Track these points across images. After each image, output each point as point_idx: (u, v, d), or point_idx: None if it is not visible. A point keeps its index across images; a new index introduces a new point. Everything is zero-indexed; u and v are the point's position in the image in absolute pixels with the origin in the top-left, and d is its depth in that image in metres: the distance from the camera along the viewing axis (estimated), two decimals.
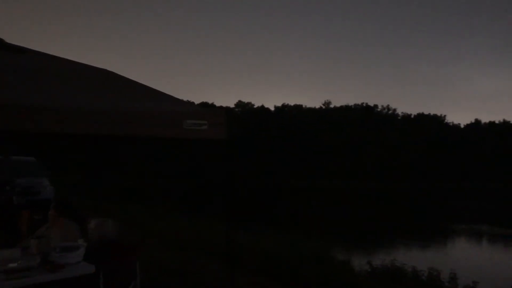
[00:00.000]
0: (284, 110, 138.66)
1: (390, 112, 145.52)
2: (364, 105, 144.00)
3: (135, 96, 4.88)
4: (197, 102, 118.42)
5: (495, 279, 15.40)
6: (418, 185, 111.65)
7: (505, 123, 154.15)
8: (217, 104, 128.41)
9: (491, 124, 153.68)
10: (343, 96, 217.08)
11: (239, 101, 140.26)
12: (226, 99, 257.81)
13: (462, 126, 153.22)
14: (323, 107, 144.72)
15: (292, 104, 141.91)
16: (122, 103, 4.41)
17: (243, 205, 50.50)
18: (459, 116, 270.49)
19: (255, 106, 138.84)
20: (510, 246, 25.59)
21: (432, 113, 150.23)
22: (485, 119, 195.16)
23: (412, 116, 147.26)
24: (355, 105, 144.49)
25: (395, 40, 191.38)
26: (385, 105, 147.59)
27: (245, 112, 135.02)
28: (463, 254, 21.92)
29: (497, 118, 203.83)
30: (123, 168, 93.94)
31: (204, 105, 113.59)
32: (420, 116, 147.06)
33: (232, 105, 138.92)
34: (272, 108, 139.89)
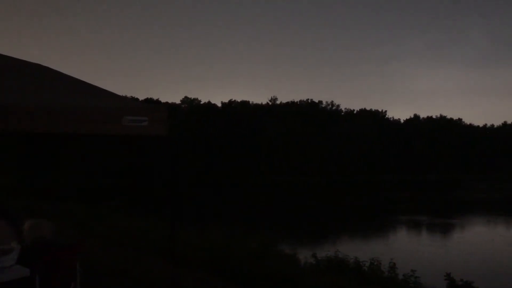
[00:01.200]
0: (231, 106, 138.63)
1: (334, 108, 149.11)
2: (309, 101, 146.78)
3: (72, 92, 4.70)
4: (142, 98, 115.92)
5: (432, 266, 16.20)
6: (361, 179, 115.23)
7: (441, 118, 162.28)
8: (163, 100, 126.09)
9: (429, 119, 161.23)
10: (289, 92, 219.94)
11: (185, 97, 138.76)
12: (172, 95, 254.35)
13: (402, 121, 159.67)
14: (270, 103, 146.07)
15: (239, 100, 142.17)
16: (58, 99, 4.24)
17: (189, 202, 50.14)
18: (399, 112, 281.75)
19: (201, 102, 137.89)
20: (446, 234, 27.01)
21: (373, 108, 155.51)
22: (423, 114, 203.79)
23: (355, 112, 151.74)
24: (301, 101, 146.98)
25: (339, 37, 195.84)
26: (329, 101, 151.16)
27: (191, 108, 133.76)
28: (403, 244, 22.92)
29: (434, 113, 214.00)
30: (63, 167, 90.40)
31: (149, 101, 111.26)
32: (362, 111, 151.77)
33: (178, 101, 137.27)
34: (219, 104, 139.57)
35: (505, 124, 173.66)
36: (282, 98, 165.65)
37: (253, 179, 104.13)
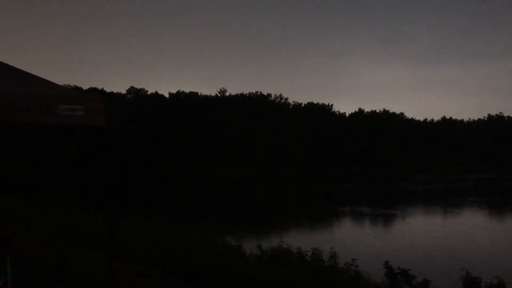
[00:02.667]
0: (179, 97, 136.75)
1: (282, 101, 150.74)
2: (259, 93, 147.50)
3: (2, 78, 4.45)
4: (86, 87, 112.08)
5: (373, 255, 16.80)
6: (308, 170, 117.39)
7: (385, 112, 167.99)
8: (108, 90, 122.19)
9: (373, 112, 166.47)
10: (239, 84, 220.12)
11: (131, 87, 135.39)
12: (117, 85, 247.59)
13: (347, 115, 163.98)
14: (219, 95, 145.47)
15: (187, 91, 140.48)
16: None
17: (133, 195, 49.19)
18: (345, 105, 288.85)
19: (148, 93, 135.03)
20: (388, 224, 28.05)
21: (321, 102, 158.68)
22: (367, 108, 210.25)
23: (303, 105, 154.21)
24: (250, 93, 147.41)
25: (289, 31, 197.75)
26: (278, 94, 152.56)
27: (137, 98, 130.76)
28: (346, 234, 23.59)
29: (378, 107, 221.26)
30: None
31: (92, 91, 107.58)
32: (310, 105, 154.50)
33: (123, 91, 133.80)
34: (167, 95, 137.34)
35: (444, 118, 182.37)
36: (232, 90, 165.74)
37: (201, 171, 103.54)
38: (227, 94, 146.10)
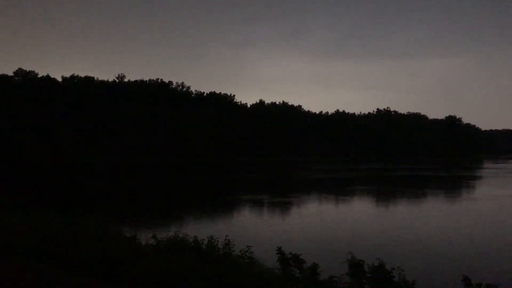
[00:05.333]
0: (73, 81, 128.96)
1: (184, 89, 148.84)
2: (160, 80, 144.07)
3: None
4: None
5: (268, 241, 17.32)
6: (209, 160, 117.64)
7: (284, 104, 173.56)
8: None
9: (273, 104, 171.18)
10: (139, 70, 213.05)
11: (20, 69, 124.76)
12: (3, 66, 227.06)
13: (248, 105, 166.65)
14: (117, 80, 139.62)
15: (82, 75, 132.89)
16: None
17: (20, 185, 45.70)
18: (247, 96, 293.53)
19: (39, 76, 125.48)
20: (284, 211, 29.06)
21: (223, 92, 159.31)
22: (268, 99, 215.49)
23: (205, 94, 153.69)
24: (151, 80, 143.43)
25: (193, 19, 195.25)
26: (180, 82, 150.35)
27: (26, 81, 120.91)
28: (244, 221, 24.04)
29: (278, 99, 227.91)
30: None
31: None
32: (212, 94, 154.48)
33: (10, 73, 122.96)
34: (60, 79, 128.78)
35: (337, 111, 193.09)
36: (131, 76, 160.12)
37: (98, 158, 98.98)
38: (126, 80, 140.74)
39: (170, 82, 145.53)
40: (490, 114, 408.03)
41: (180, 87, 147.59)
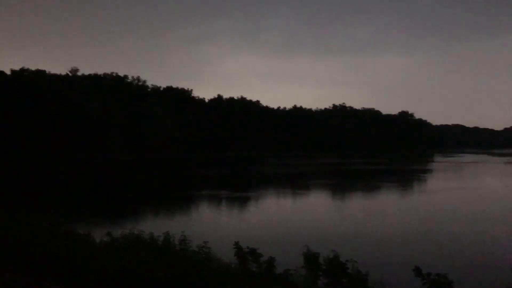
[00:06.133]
0: (23, 74, 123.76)
1: (140, 83, 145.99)
2: (114, 74, 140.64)
3: None
4: None
5: (225, 236, 17.30)
6: (166, 156, 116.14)
7: (242, 99, 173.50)
8: None
9: (231, 99, 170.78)
10: (93, 64, 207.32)
11: None
12: None
13: (206, 100, 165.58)
14: (70, 74, 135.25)
15: (33, 68, 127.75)
16: None
17: None
18: (204, 91, 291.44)
19: None
20: (242, 207, 29.13)
21: (180, 86, 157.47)
22: (226, 94, 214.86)
23: (162, 89, 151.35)
24: (105, 74, 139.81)
25: (146, 11, 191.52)
26: (135, 76, 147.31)
27: None
28: (202, 217, 23.93)
29: (236, 95, 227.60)
30: None
31: None
32: (169, 89, 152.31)
33: None
34: (8, 72, 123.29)
35: (295, 107, 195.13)
36: (84, 70, 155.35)
37: (52, 154, 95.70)
38: (79, 73, 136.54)
39: (126, 76, 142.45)
40: (441, 110, 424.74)
41: (136, 81, 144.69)
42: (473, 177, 57.25)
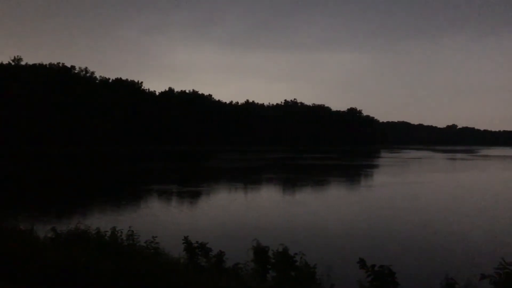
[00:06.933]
0: None
1: (88, 74, 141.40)
2: (61, 65, 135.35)
3: None
4: None
5: (175, 231, 17.16)
6: (114, 149, 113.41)
7: (194, 92, 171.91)
8: None
9: (183, 92, 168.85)
10: (37, 53, 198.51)
11: None
12: None
13: (157, 93, 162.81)
14: (13, 63, 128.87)
15: None
16: None
17: None
18: (155, 84, 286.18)
19: None
20: (192, 201, 28.94)
21: (130, 78, 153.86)
22: (178, 88, 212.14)
23: (110, 81, 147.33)
24: (51, 64, 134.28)
25: (95, 3, 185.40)
26: (83, 67, 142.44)
27: None
28: (151, 212, 23.56)
29: (188, 88, 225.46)
30: None
31: None
32: (118, 80, 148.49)
33: None
34: None
35: (247, 102, 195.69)
36: (28, 59, 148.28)
37: None
38: (22, 63, 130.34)
39: (73, 67, 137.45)
40: (388, 107, 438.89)
41: (84, 72, 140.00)
42: (418, 173, 59.69)
